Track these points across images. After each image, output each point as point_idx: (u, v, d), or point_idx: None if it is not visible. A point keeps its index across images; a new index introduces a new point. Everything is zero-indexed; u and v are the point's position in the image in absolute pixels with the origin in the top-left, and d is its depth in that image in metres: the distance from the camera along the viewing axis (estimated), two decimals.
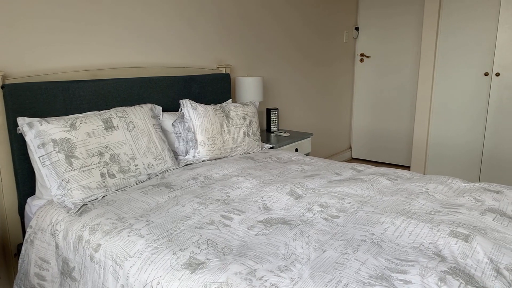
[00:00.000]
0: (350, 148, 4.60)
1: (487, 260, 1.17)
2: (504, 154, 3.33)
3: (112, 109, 1.92)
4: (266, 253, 1.21)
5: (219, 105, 2.32)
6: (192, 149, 2.14)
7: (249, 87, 2.74)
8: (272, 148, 2.65)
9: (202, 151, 2.14)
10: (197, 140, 2.14)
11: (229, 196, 1.66)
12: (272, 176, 1.92)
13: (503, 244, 1.26)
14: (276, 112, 3.07)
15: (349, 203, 1.58)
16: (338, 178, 1.95)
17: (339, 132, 4.35)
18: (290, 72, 3.50)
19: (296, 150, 2.91)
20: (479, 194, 1.66)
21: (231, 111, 2.31)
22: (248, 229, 1.38)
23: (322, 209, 1.52)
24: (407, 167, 4.16)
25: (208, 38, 2.70)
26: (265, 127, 3.29)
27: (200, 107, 2.19)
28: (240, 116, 2.33)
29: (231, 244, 1.28)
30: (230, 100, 2.63)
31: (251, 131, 2.37)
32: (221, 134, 2.21)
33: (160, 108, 2.17)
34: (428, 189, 1.74)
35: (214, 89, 2.58)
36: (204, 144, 2.14)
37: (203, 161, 2.15)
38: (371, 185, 1.80)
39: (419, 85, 3.66)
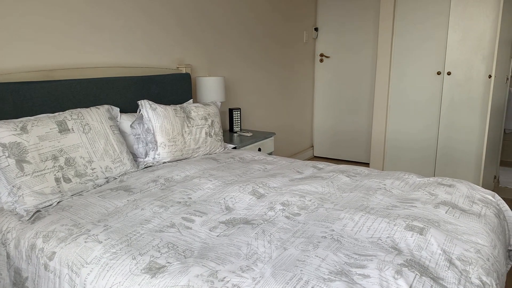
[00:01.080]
0: (312, 146, 4.67)
1: (441, 251, 1.22)
2: (456, 149, 3.49)
3: (67, 111, 1.85)
4: (228, 253, 1.20)
5: (179, 105, 2.28)
6: (152, 151, 2.10)
7: (210, 87, 2.72)
8: (235, 148, 2.64)
9: (162, 153, 2.10)
10: (157, 142, 2.10)
11: (190, 198, 1.64)
12: (235, 176, 1.91)
13: (455, 236, 1.32)
14: (239, 112, 3.06)
15: (310, 200, 1.60)
16: (299, 177, 1.97)
17: (301, 131, 4.41)
18: (252, 72, 3.51)
19: (259, 149, 2.92)
20: (433, 188, 1.73)
21: (192, 112, 2.28)
22: (210, 230, 1.36)
23: (284, 208, 1.54)
24: (367, 164, 4.27)
25: (168, 38, 2.66)
26: (227, 127, 3.28)
27: (160, 108, 2.15)
28: (201, 116, 2.31)
29: (193, 246, 1.26)
30: (191, 101, 2.60)
31: (213, 131, 2.35)
32: (182, 135, 2.18)
33: (118, 109, 2.11)
34: (385, 184, 1.80)
35: (174, 89, 2.54)
36: (165, 145, 2.10)
37: (164, 163, 2.12)
38: (331, 182, 1.83)
39: (376, 84, 3.77)
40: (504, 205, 1.75)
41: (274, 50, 3.77)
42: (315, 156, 4.68)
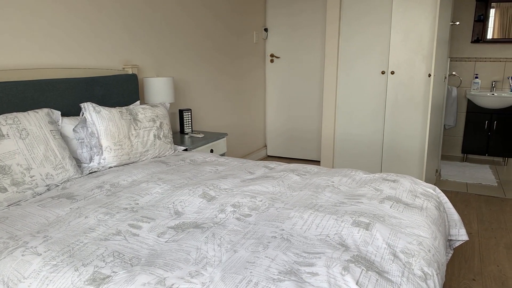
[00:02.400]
0: (266, 146, 4.70)
1: (385, 246, 1.26)
2: (401, 145, 3.65)
3: (1, 116, 1.73)
4: (177, 259, 1.17)
5: (125, 107, 2.21)
6: (97, 155, 2.01)
7: (158, 88, 2.65)
8: (186, 150, 2.60)
9: (108, 157, 2.02)
10: (102, 146, 2.01)
11: (137, 204, 1.58)
12: (185, 179, 1.88)
13: (399, 229, 1.37)
14: (189, 113, 3.01)
15: (261, 200, 1.61)
16: (251, 177, 1.97)
17: (254, 131, 4.42)
18: (203, 72, 3.47)
19: (211, 151, 2.90)
20: (378, 184, 1.79)
21: (139, 114, 2.21)
22: (158, 236, 1.32)
23: (235, 209, 1.52)
24: (318, 162, 4.36)
25: (113, 37, 2.56)
26: (178, 129, 3.22)
27: (104, 110, 2.06)
28: (149, 118, 2.25)
29: (140, 254, 1.22)
30: (138, 102, 2.52)
31: (162, 133, 2.30)
32: (129, 138, 2.11)
33: (59, 113, 2.01)
34: (333, 182, 1.84)
35: (120, 91, 2.46)
36: (110, 149, 2.02)
37: (110, 167, 2.03)
38: (281, 182, 1.85)
39: (325, 83, 3.85)
40: (444, 198, 1.85)
41: (225, 50, 3.75)
42: (268, 156, 4.72)
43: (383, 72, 3.62)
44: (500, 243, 2.54)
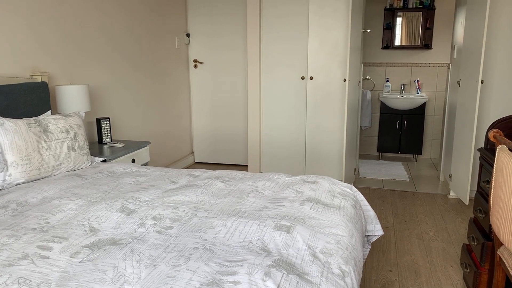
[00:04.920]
0: (193, 152, 4.64)
1: (306, 247, 1.29)
2: (322, 146, 3.81)
3: None
4: (92, 280, 1.10)
5: (34, 118, 2.04)
6: (1, 172, 1.83)
7: (72, 96, 2.49)
8: (104, 161, 2.46)
9: (14, 173, 1.84)
10: (7, 161, 1.84)
11: (48, 223, 1.46)
12: (102, 193, 1.78)
13: (318, 230, 1.42)
14: (108, 122, 2.87)
15: (184, 211, 1.57)
16: (174, 187, 1.92)
17: (180, 138, 4.34)
18: (122, 79, 3.33)
19: (133, 161, 2.78)
20: (299, 186, 1.85)
21: (50, 125, 2.06)
22: (71, 257, 1.23)
23: (156, 222, 1.47)
24: (246, 166, 4.40)
25: (18, 42, 2.36)
26: (96, 138, 3.05)
27: (8, 122, 1.89)
28: (62, 129, 2.10)
29: (50, 278, 1.13)
30: (49, 112, 2.35)
31: (77, 144, 2.16)
32: (39, 151, 1.95)
33: None
34: (257, 186, 1.86)
35: (27, 100, 2.26)
36: (17, 164, 1.85)
37: (17, 184, 1.87)
38: (205, 190, 1.82)
39: (249, 89, 3.91)
40: (360, 196, 1.96)
41: (145, 56, 3.63)
42: (196, 162, 4.66)
43: (302, 78, 3.75)
44: (412, 234, 2.75)
